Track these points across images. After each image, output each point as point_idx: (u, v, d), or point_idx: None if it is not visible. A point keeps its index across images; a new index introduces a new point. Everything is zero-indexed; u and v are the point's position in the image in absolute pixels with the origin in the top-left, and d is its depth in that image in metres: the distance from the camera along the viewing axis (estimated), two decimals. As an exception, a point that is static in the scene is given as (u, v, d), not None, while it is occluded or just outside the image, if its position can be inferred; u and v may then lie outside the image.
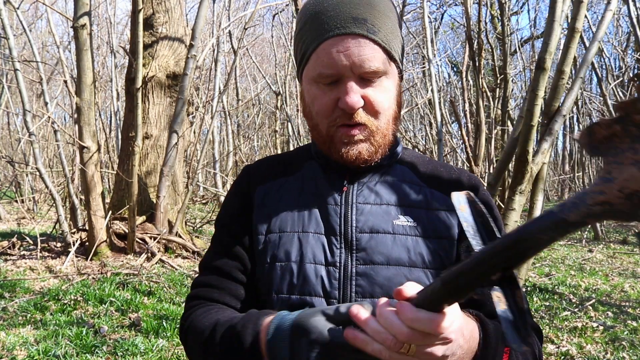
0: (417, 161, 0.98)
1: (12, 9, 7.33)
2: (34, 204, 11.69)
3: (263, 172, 0.99)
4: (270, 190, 0.96)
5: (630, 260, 7.66)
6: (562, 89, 2.82)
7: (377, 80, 0.86)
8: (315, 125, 0.90)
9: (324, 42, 0.85)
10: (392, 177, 0.94)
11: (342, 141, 0.87)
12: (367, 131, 0.87)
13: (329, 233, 0.88)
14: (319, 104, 0.87)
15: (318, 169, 0.96)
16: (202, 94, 11.53)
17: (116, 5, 13.64)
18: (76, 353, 3.45)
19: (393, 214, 0.89)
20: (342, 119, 0.86)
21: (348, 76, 0.84)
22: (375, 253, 0.86)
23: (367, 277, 0.85)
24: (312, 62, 0.87)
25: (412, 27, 14.29)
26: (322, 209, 0.90)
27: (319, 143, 0.92)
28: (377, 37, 0.85)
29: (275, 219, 0.92)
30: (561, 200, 18.10)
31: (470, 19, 5.41)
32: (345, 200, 0.90)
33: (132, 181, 5.99)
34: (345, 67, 0.83)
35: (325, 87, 0.86)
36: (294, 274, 0.87)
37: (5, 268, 5.62)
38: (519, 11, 15.06)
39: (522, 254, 0.50)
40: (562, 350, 3.79)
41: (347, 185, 0.92)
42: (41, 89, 7.46)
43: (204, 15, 6.46)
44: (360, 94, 0.85)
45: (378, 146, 0.88)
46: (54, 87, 15.54)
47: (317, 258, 0.87)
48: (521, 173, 2.81)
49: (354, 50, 0.83)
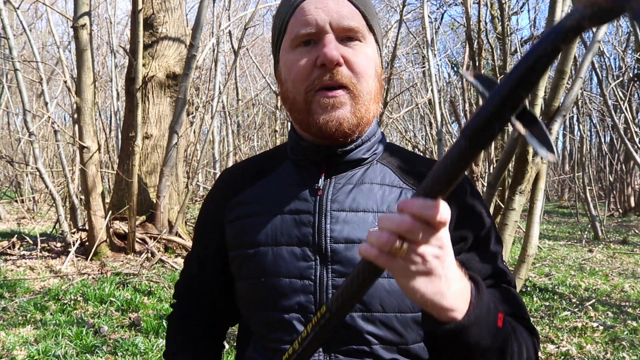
0: (399, 159, 0.91)
1: (12, 9, 7.33)
2: (34, 204, 11.69)
3: (238, 180, 0.95)
4: (245, 199, 0.91)
5: (630, 260, 7.66)
6: (562, 89, 2.82)
7: (357, 44, 0.82)
8: (293, 100, 0.84)
9: (302, 3, 0.82)
10: (372, 179, 0.87)
11: (322, 106, 0.80)
12: (350, 94, 0.81)
13: (302, 244, 0.83)
14: (297, 68, 0.81)
15: (292, 170, 0.90)
16: (202, 94, 11.53)
17: (116, 5, 13.63)
18: (76, 353, 3.45)
19: (370, 222, 0.82)
20: (321, 80, 0.80)
21: (327, 32, 0.80)
22: (352, 265, 0.80)
23: None
24: (289, 27, 0.83)
25: (412, 27, 14.28)
26: (295, 218, 0.84)
27: (298, 121, 0.85)
28: (356, 2, 0.83)
29: (249, 232, 0.87)
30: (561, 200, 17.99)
31: (470, 19, 5.41)
32: (319, 208, 0.84)
33: (132, 181, 5.99)
34: (324, 22, 0.80)
35: (303, 49, 0.82)
36: (269, 290, 0.83)
37: (5, 268, 5.62)
38: (519, 11, 15.06)
39: (533, 72, 0.49)
40: (562, 350, 3.79)
41: (321, 188, 0.85)
42: (41, 89, 7.46)
43: (204, 15, 6.46)
44: (339, 51, 0.80)
45: (360, 117, 0.82)
46: (54, 87, 15.54)
47: (291, 272, 0.82)
48: (521, 173, 2.81)
49: (333, 7, 0.81)
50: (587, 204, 10.12)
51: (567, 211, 15.47)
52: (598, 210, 11.33)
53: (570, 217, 13.58)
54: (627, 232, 10.87)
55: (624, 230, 11.32)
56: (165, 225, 6.63)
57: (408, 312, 0.81)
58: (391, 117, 9.08)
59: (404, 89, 12.55)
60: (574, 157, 12.88)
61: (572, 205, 13.92)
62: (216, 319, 1.02)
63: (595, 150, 18.98)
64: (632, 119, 10.68)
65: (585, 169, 11.19)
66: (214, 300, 0.99)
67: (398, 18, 7.34)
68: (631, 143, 7.65)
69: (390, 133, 14.69)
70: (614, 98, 9.46)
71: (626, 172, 15.72)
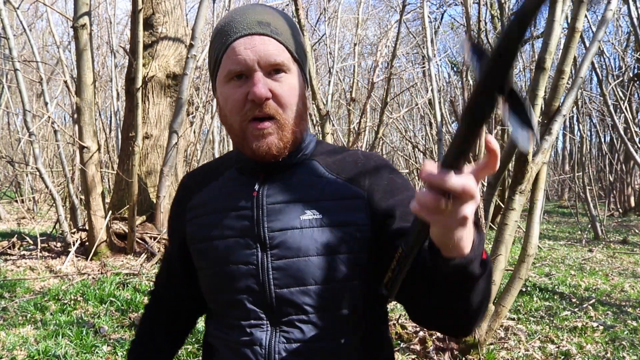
0: (327, 154, 1.04)
1: (12, 9, 7.33)
2: (34, 204, 11.69)
3: (196, 183, 1.09)
4: (200, 201, 1.05)
5: (630, 260, 7.66)
6: (562, 89, 2.82)
7: (283, 76, 0.94)
8: (230, 126, 0.97)
9: (233, 43, 0.93)
10: (302, 174, 1.00)
11: (253, 135, 0.93)
12: (276, 124, 0.93)
13: (245, 235, 0.97)
14: (231, 101, 0.94)
15: (235, 175, 1.04)
16: (202, 94, 11.53)
17: (116, 5, 13.63)
18: (76, 353, 3.45)
19: (300, 210, 0.96)
20: (252, 112, 0.92)
21: (256, 70, 0.92)
22: (286, 248, 0.94)
23: (281, 271, 0.94)
24: (223, 64, 0.95)
25: (412, 27, 14.28)
26: (239, 214, 0.99)
27: (235, 143, 0.99)
28: (280, 38, 0.94)
29: (202, 228, 1.02)
30: (561, 200, 17.98)
31: (470, 19, 5.41)
32: (257, 204, 0.98)
33: (132, 181, 5.99)
34: (253, 61, 0.91)
35: (235, 84, 0.93)
36: (222, 276, 0.98)
37: (5, 268, 5.62)
38: (519, 11, 15.04)
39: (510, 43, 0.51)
40: (562, 350, 3.79)
41: (257, 189, 0.99)
42: (41, 89, 7.46)
43: (204, 15, 6.46)
44: (267, 87, 0.91)
45: (287, 141, 0.95)
46: (54, 87, 15.54)
47: (238, 260, 0.96)
48: (521, 173, 2.81)
49: (260, 47, 0.92)
50: (587, 203, 10.12)
51: (567, 211, 15.47)
52: (598, 210, 11.33)
53: (570, 217, 13.58)
54: (627, 232, 10.87)
55: (624, 230, 11.32)
56: (165, 225, 6.61)
57: (336, 282, 0.94)
58: (391, 117, 9.08)
59: (404, 89, 12.55)
60: (574, 157, 12.89)
61: (572, 205, 13.92)
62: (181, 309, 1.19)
63: (595, 150, 18.98)
64: (632, 119, 10.68)
65: (585, 169, 11.19)
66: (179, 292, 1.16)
67: (398, 18, 7.34)
68: (631, 143, 7.65)
69: (390, 133, 14.69)
70: (614, 98, 9.46)
71: (626, 172, 15.72)
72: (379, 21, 15.12)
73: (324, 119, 6.45)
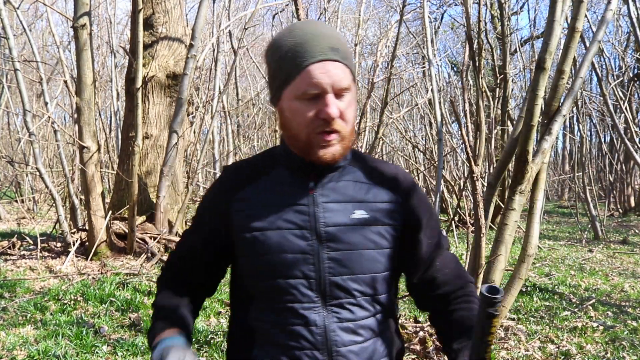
0: (364, 162, 1.21)
1: (12, 9, 7.33)
2: (34, 204, 11.69)
3: (239, 179, 1.19)
4: (250, 194, 1.16)
5: (630, 260, 7.66)
6: (562, 89, 2.82)
7: (346, 95, 1.08)
8: (294, 135, 1.11)
9: (309, 66, 1.05)
10: (347, 178, 1.16)
11: (320, 145, 1.08)
12: (340, 136, 1.09)
13: (303, 228, 1.10)
14: (302, 117, 1.07)
15: (286, 174, 1.16)
16: (202, 94, 11.52)
17: (116, 5, 13.63)
18: (76, 353, 3.45)
19: (350, 210, 1.13)
20: (322, 127, 1.07)
21: (328, 92, 1.05)
22: (340, 242, 1.10)
23: (335, 261, 1.10)
24: (297, 82, 1.07)
25: (412, 27, 14.28)
26: (296, 209, 1.12)
27: (297, 149, 1.12)
28: (346, 62, 1.09)
29: (254, 219, 1.12)
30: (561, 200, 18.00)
31: (470, 19, 5.40)
32: (314, 201, 1.12)
33: (132, 181, 5.99)
34: (327, 85, 1.05)
35: (307, 102, 1.07)
36: (277, 263, 1.10)
37: (5, 268, 5.62)
38: (519, 11, 15.06)
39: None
40: (562, 350, 3.79)
41: (313, 188, 1.13)
42: (41, 89, 7.45)
43: (204, 15, 6.47)
44: (337, 106, 1.06)
45: (346, 149, 1.12)
46: (54, 87, 15.53)
47: (294, 249, 1.10)
48: (521, 173, 2.81)
49: (333, 72, 1.06)
50: (587, 204, 10.12)
51: (567, 211, 15.47)
52: (598, 210, 11.33)
53: (570, 217, 13.58)
54: (627, 232, 10.87)
55: (624, 230, 11.32)
56: (165, 225, 6.62)
57: (378, 273, 1.13)
58: (391, 117, 9.08)
59: (404, 89, 12.55)
60: (574, 157, 12.89)
61: (572, 205, 13.92)
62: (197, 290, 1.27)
63: (595, 150, 18.97)
64: (632, 119, 10.67)
65: (585, 169, 11.19)
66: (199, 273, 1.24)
67: (398, 18, 7.34)
68: (631, 143, 7.65)
69: (390, 133, 14.67)
70: (614, 98, 9.46)
71: (626, 172, 15.71)
72: (379, 21, 15.12)
73: (324, 119, 6.46)
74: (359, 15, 10.70)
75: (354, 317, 1.11)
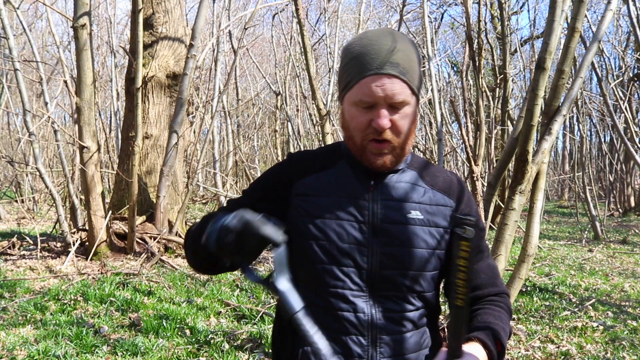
0: (421, 167, 1.28)
1: (12, 9, 7.33)
2: (34, 204, 11.69)
3: (305, 166, 1.26)
4: (314, 182, 1.22)
5: (630, 260, 7.66)
6: (562, 89, 2.82)
7: (402, 108, 1.14)
8: (351, 137, 1.18)
9: (366, 77, 1.12)
10: (406, 180, 1.23)
11: (372, 152, 1.16)
12: (391, 147, 1.16)
13: (361, 222, 1.17)
14: (357, 122, 1.15)
15: (349, 169, 1.23)
16: (202, 94, 11.52)
17: (116, 5, 13.64)
18: (76, 353, 3.45)
19: (406, 209, 1.19)
20: (373, 135, 1.14)
21: (381, 104, 1.12)
22: (395, 238, 1.17)
23: (388, 256, 1.16)
24: (355, 90, 1.14)
25: (412, 27, 14.28)
26: (355, 202, 1.18)
27: (353, 150, 1.20)
28: (405, 78, 1.13)
29: (315, 206, 1.19)
30: (561, 200, 17.94)
31: (470, 19, 5.40)
32: (373, 197, 1.19)
33: (132, 181, 5.99)
34: (380, 98, 1.12)
35: (362, 109, 1.14)
36: (335, 251, 1.16)
37: (5, 268, 5.62)
38: (519, 11, 15.05)
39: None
40: (562, 350, 3.79)
41: (373, 186, 1.20)
42: (41, 89, 7.46)
43: (204, 15, 6.46)
44: (388, 118, 1.13)
45: (399, 158, 1.19)
46: (54, 87, 15.53)
47: (350, 239, 1.16)
48: (521, 173, 2.81)
49: (388, 86, 1.12)
50: (587, 203, 10.12)
51: (567, 211, 15.47)
52: (598, 210, 11.33)
53: (570, 217, 13.58)
54: (627, 232, 10.87)
55: (624, 230, 11.32)
56: (165, 225, 6.62)
57: (427, 272, 1.19)
58: (391, 117, 9.06)
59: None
60: (574, 157, 12.88)
61: (572, 205, 13.92)
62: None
63: (595, 150, 18.97)
64: (632, 119, 10.67)
65: (585, 169, 11.18)
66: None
67: (398, 18, 7.34)
68: (631, 143, 7.65)
69: (390, 133, 14.66)
70: (614, 98, 9.46)
71: (626, 172, 15.71)
72: (379, 21, 15.12)
73: (324, 119, 6.45)
74: (359, 15, 10.70)
75: (399, 309, 1.18)
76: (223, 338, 3.75)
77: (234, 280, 5.48)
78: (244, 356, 3.53)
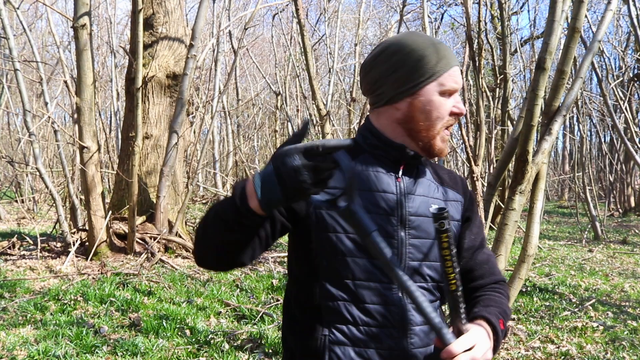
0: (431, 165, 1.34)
1: (12, 9, 7.33)
2: (34, 204, 11.69)
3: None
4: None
5: (630, 260, 7.66)
6: (562, 89, 2.82)
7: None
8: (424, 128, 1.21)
9: (453, 68, 1.22)
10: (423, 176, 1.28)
11: (444, 139, 1.23)
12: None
13: (389, 214, 1.19)
14: (442, 110, 1.21)
15: (372, 161, 1.24)
16: (202, 94, 11.52)
17: (116, 5, 13.64)
18: (76, 353, 3.45)
19: (428, 203, 1.24)
20: (451, 122, 1.22)
21: (457, 91, 1.23)
22: (421, 230, 1.21)
23: (415, 247, 1.20)
24: (443, 79, 1.20)
25: (412, 27, 14.28)
26: (384, 196, 1.20)
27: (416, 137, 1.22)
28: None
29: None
30: (561, 200, 17.90)
31: (470, 19, 5.40)
32: (401, 190, 1.22)
33: (132, 181, 5.99)
34: (459, 85, 1.23)
35: (446, 98, 1.21)
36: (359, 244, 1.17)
37: (5, 268, 5.62)
38: (519, 11, 15.05)
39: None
40: (562, 350, 3.79)
41: (400, 177, 1.23)
42: (41, 89, 7.46)
43: (204, 15, 6.46)
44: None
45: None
46: (54, 87, 15.54)
47: (382, 232, 1.13)
48: (521, 173, 2.81)
49: (459, 76, 1.24)
50: (587, 204, 10.12)
51: (567, 211, 15.47)
52: (598, 210, 11.33)
53: (570, 217, 13.58)
54: (627, 232, 10.87)
55: (624, 230, 11.32)
56: (165, 225, 6.62)
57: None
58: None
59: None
60: (574, 157, 12.88)
61: (572, 205, 13.92)
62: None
63: (595, 150, 18.97)
64: (632, 119, 10.67)
65: (585, 169, 11.19)
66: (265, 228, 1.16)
67: (398, 18, 7.34)
68: (631, 143, 7.65)
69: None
70: (614, 98, 9.46)
71: (626, 172, 15.72)
72: (379, 21, 15.12)
73: (324, 119, 6.45)
74: (359, 15, 10.70)
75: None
76: (223, 338, 3.75)
77: (234, 281, 5.48)
78: (244, 356, 3.53)
